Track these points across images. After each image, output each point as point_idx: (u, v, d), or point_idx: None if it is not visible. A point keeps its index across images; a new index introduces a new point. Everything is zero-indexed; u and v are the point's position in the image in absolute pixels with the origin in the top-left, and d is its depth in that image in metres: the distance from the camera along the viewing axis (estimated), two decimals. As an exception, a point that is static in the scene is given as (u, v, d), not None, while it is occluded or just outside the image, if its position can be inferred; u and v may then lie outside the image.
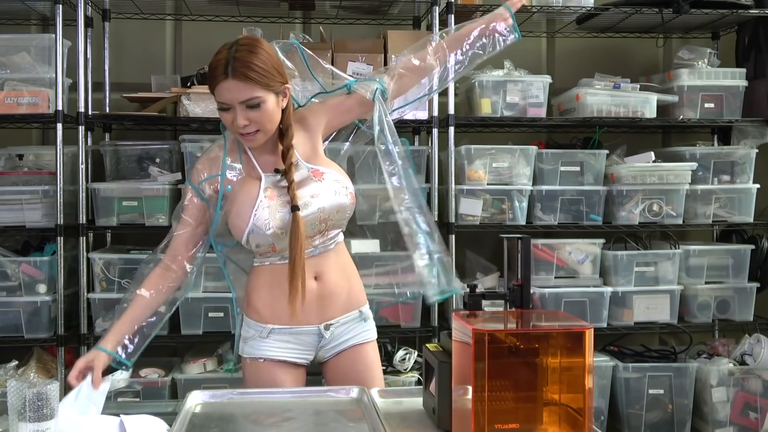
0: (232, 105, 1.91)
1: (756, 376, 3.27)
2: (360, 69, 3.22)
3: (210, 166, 2.05)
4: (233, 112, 1.91)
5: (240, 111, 1.90)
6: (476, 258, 3.48)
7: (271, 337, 2.06)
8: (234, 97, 1.89)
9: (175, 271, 2.07)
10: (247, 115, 1.91)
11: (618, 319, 3.37)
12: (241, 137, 1.98)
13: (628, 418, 3.31)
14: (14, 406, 1.44)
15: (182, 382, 3.08)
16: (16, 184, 3.10)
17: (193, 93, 3.11)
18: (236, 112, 1.91)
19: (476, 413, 1.33)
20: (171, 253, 2.07)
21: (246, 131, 1.94)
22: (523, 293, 1.57)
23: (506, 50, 3.51)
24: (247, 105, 1.90)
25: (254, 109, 1.91)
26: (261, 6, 3.39)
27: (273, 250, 2.02)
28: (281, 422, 1.66)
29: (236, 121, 1.91)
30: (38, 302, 3.04)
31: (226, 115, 1.94)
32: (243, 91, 1.89)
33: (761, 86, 3.49)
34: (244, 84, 1.88)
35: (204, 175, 2.03)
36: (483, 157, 3.27)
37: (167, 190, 3.12)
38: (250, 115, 1.91)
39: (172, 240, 2.08)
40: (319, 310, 2.07)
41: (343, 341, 2.11)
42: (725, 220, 3.48)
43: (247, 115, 1.91)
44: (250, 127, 1.93)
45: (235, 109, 1.91)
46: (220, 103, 1.93)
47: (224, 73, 1.89)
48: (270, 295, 2.07)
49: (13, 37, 3.13)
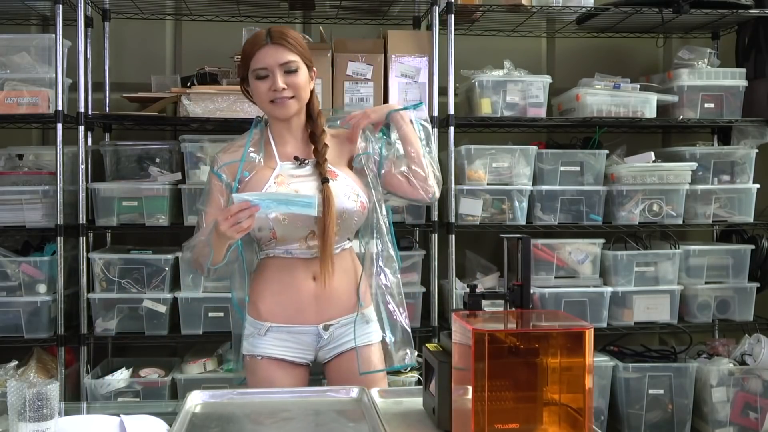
0: (271, 70, 2.03)
1: (756, 376, 3.26)
2: (360, 69, 3.22)
3: (231, 153, 2.13)
4: (271, 78, 2.04)
5: (279, 74, 2.03)
6: (476, 258, 3.48)
7: (269, 335, 2.08)
8: (274, 60, 2.03)
9: None
10: (285, 80, 2.04)
11: (618, 319, 3.37)
12: (273, 106, 2.07)
13: (628, 418, 3.31)
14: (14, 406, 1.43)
15: (182, 382, 3.08)
16: (16, 184, 3.10)
17: (193, 93, 3.11)
18: (275, 76, 2.03)
19: (476, 413, 1.33)
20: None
21: (283, 95, 2.04)
22: (523, 293, 1.57)
23: (506, 50, 3.58)
24: (286, 69, 2.05)
25: (292, 74, 2.05)
26: (261, 6, 3.39)
27: (274, 237, 2.03)
28: (281, 422, 1.66)
29: (275, 84, 2.03)
30: (38, 302, 3.04)
31: (262, 84, 2.05)
32: (283, 54, 2.04)
33: (761, 86, 3.49)
34: (283, 48, 2.05)
35: (224, 160, 2.12)
36: (483, 157, 3.27)
37: (167, 190, 3.12)
38: (288, 79, 2.04)
39: (203, 215, 2.11)
40: (318, 311, 2.08)
41: (344, 342, 2.11)
42: (725, 220, 3.48)
43: (285, 80, 2.04)
44: (287, 91, 2.04)
45: (273, 74, 2.03)
46: (258, 69, 2.05)
47: (264, 40, 2.04)
48: (269, 292, 2.08)
49: (13, 37, 3.13)
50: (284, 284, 2.07)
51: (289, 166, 2.08)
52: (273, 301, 2.08)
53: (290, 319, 2.07)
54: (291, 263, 2.07)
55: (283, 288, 2.07)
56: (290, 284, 2.07)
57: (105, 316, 3.11)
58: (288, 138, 2.13)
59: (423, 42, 3.27)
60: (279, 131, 2.14)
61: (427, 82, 3.26)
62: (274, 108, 2.07)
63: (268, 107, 2.09)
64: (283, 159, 2.10)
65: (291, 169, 2.07)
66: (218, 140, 3.06)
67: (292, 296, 2.07)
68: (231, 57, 3.21)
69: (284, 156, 2.10)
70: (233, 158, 2.11)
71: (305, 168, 2.08)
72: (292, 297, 2.07)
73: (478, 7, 3.31)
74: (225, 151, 2.16)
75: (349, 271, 2.14)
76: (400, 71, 3.26)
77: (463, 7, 3.29)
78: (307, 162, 2.10)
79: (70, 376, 3.12)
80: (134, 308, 3.11)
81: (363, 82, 3.22)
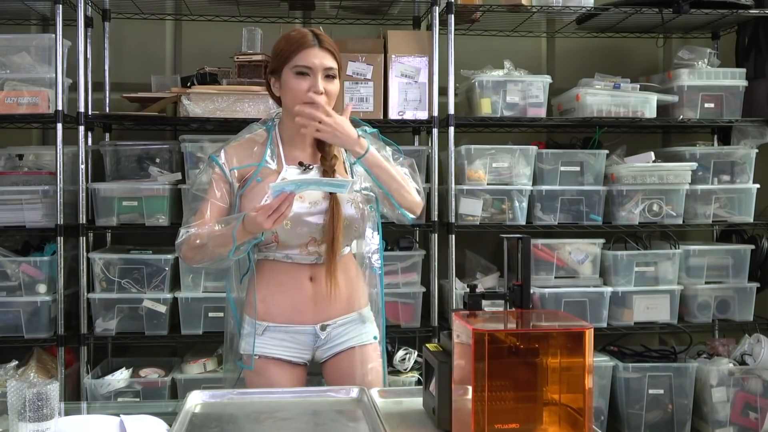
0: (314, 72, 2.03)
1: (756, 376, 3.26)
2: (360, 69, 3.22)
3: (243, 154, 2.08)
4: (312, 78, 2.03)
5: (321, 77, 2.04)
6: (476, 258, 3.48)
7: (266, 334, 2.08)
8: (321, 63, 2.04)
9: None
10: (325, 84, 2.04)
11: (618, 319, 3.37)
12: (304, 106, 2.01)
13: (628, 418, 3.31)
14: (14, 406, 1.43)
15: (182, 382, 3.08)
16: (16, 184, 3.10)
17: (193, 93, 3.11)
18: (317, 78, 2.03)
19: (476, 413, 1.33)
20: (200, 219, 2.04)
21: (319, 99, 2.03)
22: (523, 293, 1.57)
23: (506, 50, 3.58)
24: (327, 74, 2.05)
25: (331, 80, 2.06)
26: (261, 6, 3.39)
27: (275, 241, 2.03)
28: (281, 422, 1.66)
29: (316, 86, 2.03)
30: (38, 302, 3.04)
31: (302, 82, 2.03)
32: (328, 59, 2.05)
33: (761, 86, 3.50)
34: (329, 54, 2.06)
35: (236, 163, 2.07)
36: (483, 157, 3.27)
37: (167, 190, 3.12)
38: (326, 85, 2.04)
39: (208, 204, 2.05)
40: (314, 311, 2.08)
41: (341, 342, 2.11)
42: (725, 220, 3.48)
43: (325, 84, 2.04)
44: (323, 96, 2.04)
45: (315, 76, 2.03)
46: (301, 66, 2.03)
47: (313, 41, 2.05)
48: (267, 293, 2.09)
49: (13, 37, 3.13)
50: (282, 286, 2.07)
51: (295, 171, 2.07)
52: (270, 301, 2.08)
53: (287, 319, 2.08)
54: (289, 266, 2.07)
55: (280, 289, 2.08)
56: (288, 286, 2.07)
57: (105, 316, 3.11)
58: (298, 141, 2.10)
59: (423, 42, 3.28)
60: (290, 133, 2.11)
61: (427, 82, 3.26)
62: (304, 108, 2.02)
63: (298, 106, 2.03)
64: (290, 162, 2.09)
65: (296, 174, 2.06)
66: (218, 140, 3.05)
67: (289, 297, 2.07)
68: (231, 57, 3.21)
69: (291, 159, 2.09)
70: (249, 161, 2.07)
71: (310, 173, 2.07)
72: (289, 298, 2.07)
73: (478, 7, 3.31)
74: (238, 150, 2.09)
75: (347, 273, 2.13)
76: (400, 71, 3.26)
77: (463, 7, 3.29)
78: (312, 167, 2.09)
79: (70, 376, 3.12)
80: (134, 308, 3.11)
81: (363, 82, 3.22)
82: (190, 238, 2.02)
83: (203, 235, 2.00)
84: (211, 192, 2.06)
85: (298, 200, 1.99)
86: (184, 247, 2.04)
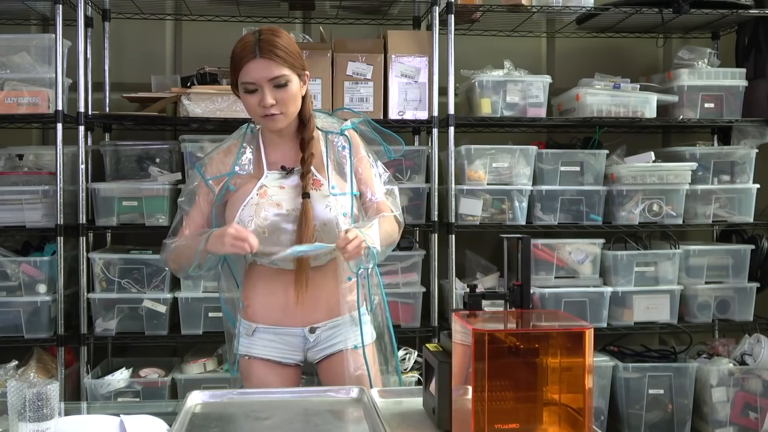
0: (259, 85, 1.96)
1: (756, 376, 3.26)
2: (360, 69, 3.22)
3: (221, 162, 2.09)
4: (260, 92, 1.97)
5: (268, 90, 1.96)
6: (476, 258, 3.48)
7: (256, 335, 2.09)
8: (263, 75, 1.95)
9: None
10: (274, 95, 1.96)
11: (618, 319, 3.37)
12: (264, 120, 2.01)
13: (628, 418, 3.31)
14: (14, 406, 1.43)
15: (182, 382, 3.08)
16: (16, 184, 3.10)
17: (193, 93, 3.11)
18: (264, 92, 1.96)
19: (476, 413, 1.33)
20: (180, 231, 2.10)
21: (271, 111, 1.97)
22: (523, 293, 1.57)
23: (506, 50, 3.58)
24: (275, 84, 1.96)
25: (281, 88, 1.97)
26: (261, 6, 3.39)
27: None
28: (281, 422, 1.66)
29: (264, 100, 1.96)
30: (38, 302, 3.04)
31: (251, 98, 1.98)
32: (271, 69, 1.95)
33: (761, 86, 3.49)
34: (272, 62, 1.95)
35: (213, 173, 2.08)
36: (483, 157, 3.27)
37: (167, 190, 3.12)
38: (277, 94, 1.97)
39: (185, 216, 2.10)
40: (303, 314, 2.08)
41: (333, 344, 2.11)
42: (725, 220, 3.48)
43: (274, 95, 1.96)
44: (276, 107, 1.97)
45: (262, 89, 1.96)
46: (246, 84, 1.97)
47: (253, 52, 1.95)
48: (256, 295, 2.10)
49: (13, 37, 3.13)
50: (269, 289, 2.08)
51: (276, 176, 2.05)
52: (259, 303, 2.10)
53: (276, 321, 2.08)
54: (275, 271, 2.07)
55: (268, 292, 2.09)
56: (275, 289, 2.08)
57: (105, 316, 3.11)
58: (278, 143, 2.09)
59: (423, 42, 3.28)
60: (270, 137, 2.11)
61: (427, 82, 3.26)
62: (263, 121, 2.03)
63: (258, 120, 2.05)
64: (271, 167, 2.07)
65: (277, 179, 2.05)
66: (218, 140, 3.04)
67: (277, 300, 2.08)
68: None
69: (272, 164, 2.07)
70: (221, 171, 2.08)
71: (292, 177, 2.06)
72: (277, 301, 2.08)
73: (478, 7, 3.31)
74: (212, 162, 2.10)
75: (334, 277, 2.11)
76: (400, 71, 3.26)
77: (463, 7, 3.29)
78: (293, 170, 2.07)
79: (70, 376, 3.12)
80: (134, 308, 3.11)
81: (363, 82, 3.23)
82: (168, 249, 2.09)
83: (179, 247, 2.05)
84: (195, 202, 2.09)
85: (275, 207, 2.00)
86: (164, 256, 2.11)
